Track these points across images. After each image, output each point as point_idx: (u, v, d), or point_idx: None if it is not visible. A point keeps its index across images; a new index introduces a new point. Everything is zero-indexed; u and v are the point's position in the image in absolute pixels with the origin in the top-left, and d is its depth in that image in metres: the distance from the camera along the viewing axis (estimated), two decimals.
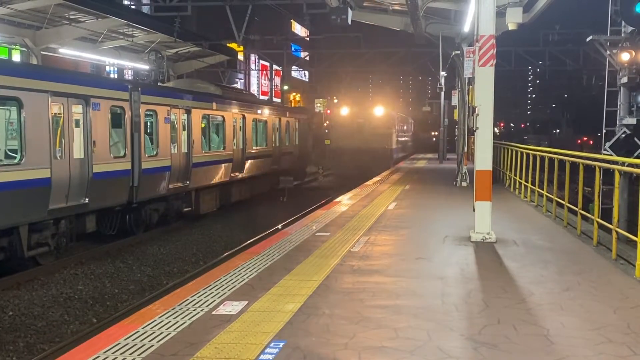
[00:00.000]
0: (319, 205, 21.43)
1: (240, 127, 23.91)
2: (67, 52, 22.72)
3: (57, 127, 13.27)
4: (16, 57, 21.12)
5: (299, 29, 69.05)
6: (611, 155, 15.88)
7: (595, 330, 5.83)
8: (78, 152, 13.96)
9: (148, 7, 32.48)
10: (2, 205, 11.56)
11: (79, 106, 14.06)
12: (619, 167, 10.09)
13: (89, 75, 20.75)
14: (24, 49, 20.67)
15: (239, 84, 51.08)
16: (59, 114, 13.37)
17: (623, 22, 16.49)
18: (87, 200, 14.09)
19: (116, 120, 15.78)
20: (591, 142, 78.66)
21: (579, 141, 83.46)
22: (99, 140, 14.56)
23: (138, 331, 5.77)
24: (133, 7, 32.68)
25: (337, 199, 17.60)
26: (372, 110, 36.74)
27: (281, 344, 5.39)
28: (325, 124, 44.59)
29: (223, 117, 22.27)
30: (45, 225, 13.16)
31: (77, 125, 14.08)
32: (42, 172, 12.59)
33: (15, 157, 12.38)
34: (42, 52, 21.01)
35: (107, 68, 30.54)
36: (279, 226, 18.52)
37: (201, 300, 6.81)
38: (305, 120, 35.34)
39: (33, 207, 12.45)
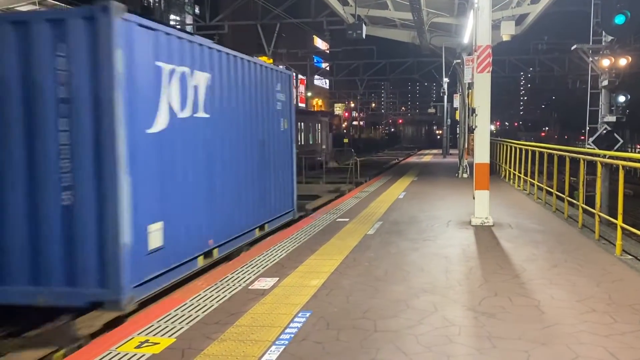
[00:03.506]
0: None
1: None
2: None
3: None
4: None
5: (320, 43, 68.95)
6: (594, 148, 15.68)
7: (580, 301, 5.77)
8: None
9: (191, 26, 32.68)
10: None
11: None
12: (601, 159, 9.97)
13: None
14: None
15: None
16: None
17: (603, 32, 16.26)
18: None
19: None
20: (566, 136, 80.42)
21: (556, 136, 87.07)
22: None
23: (186, 303, 5.82)
24: (178, 27, 32.87)
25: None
26: None
27: (308, 314, 5.42)
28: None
29: None
30: None
31: None
32: None
33: None
34: None
35: None
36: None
37: (239, 277, 6.85)
38: (326, 121, 35.31)
39: None
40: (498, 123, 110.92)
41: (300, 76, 58.37)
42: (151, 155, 6.42)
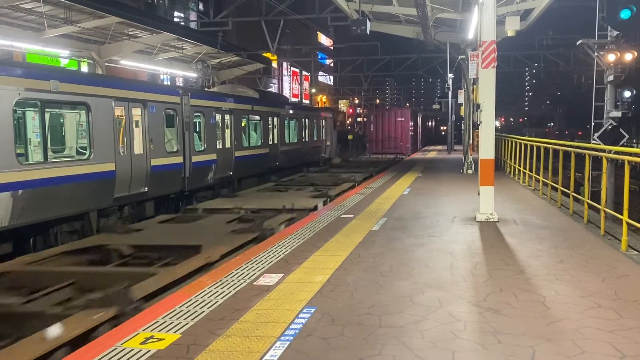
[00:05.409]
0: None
1: (275, 125, 23.98)
2: (127, 63, 22.93)
3: (119, 128, 13.42)
4: (84, 68, 21.38)
5: (324, 39, 68.80)
6: (599, 144, 15.62)
7: (586, 297, 5.75)
8: (138, 149, 14.10)
9: (195, 22, 32.61)
10: (76, 194, 11.75)
11: (137, 109, 14.19)
12: (607, 154, 9.93)
13: (146, 83, 20.90)
14: (91, 62, 20.92)
15: (273, 88, 51.11)
16: (121, 116, 13.51)
17: (609, 27, 16.18)
18: (146, 189, 14.24)
19: (169, 121, 15.90)
20: (567, 132, 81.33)
21: (557, 132, 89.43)
22: (155, 138, 14.69)
23: (191, 300, 5.83)
24: (182, 23, 32.86)
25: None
26: None
27: (312, 310, 5.42)
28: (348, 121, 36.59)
29: (260, 116, 22.33)
30: (112, 211, 13.35)
31: (136, 125, 14.22)
32: (108, 165, 12.76)
33: (85, 154, 12.56)
34: (106, 64, 21.26)
35: (162, 76, 30.73)
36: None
37: (244, 273, 6.86)
38: (330, 118, 35.26)
39: (101, 196, 12.63)
40: (503, 119, 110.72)
41: (304, 72, 58.37)
42: None
